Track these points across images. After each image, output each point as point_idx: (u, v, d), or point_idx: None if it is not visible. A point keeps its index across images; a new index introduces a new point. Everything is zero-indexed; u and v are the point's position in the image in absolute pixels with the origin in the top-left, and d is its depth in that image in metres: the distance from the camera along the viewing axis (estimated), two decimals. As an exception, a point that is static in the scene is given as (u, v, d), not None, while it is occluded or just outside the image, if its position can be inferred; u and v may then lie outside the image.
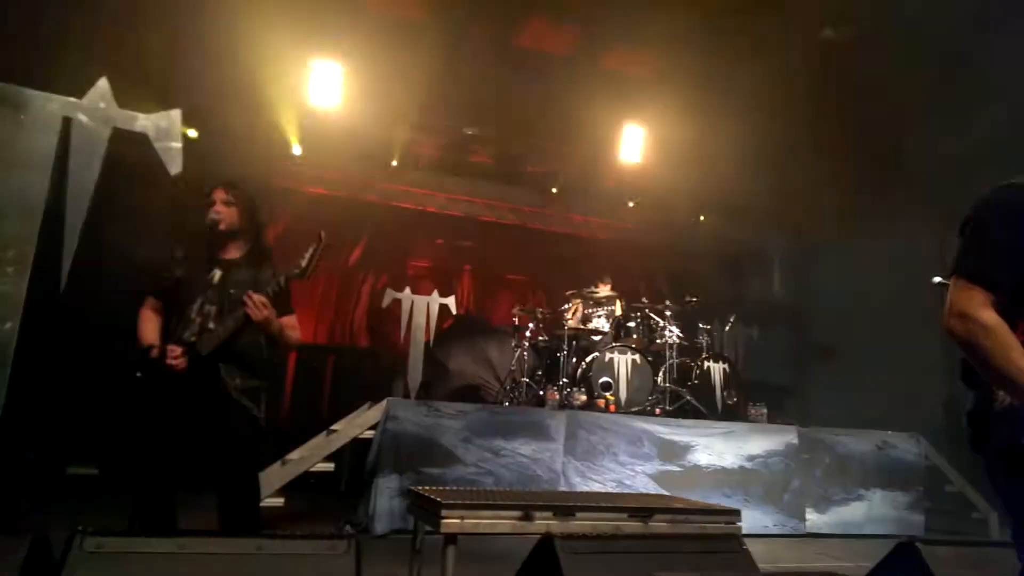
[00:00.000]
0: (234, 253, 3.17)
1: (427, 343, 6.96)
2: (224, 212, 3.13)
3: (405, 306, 6.87)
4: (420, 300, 6.91)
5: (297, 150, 7.89)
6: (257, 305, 2.94)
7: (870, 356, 6.89)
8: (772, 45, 6.23)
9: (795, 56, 6.33)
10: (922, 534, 5.44)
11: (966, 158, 4.82)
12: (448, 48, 7.16)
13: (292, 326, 3.18)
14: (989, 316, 1.66)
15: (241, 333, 3.02)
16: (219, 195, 3.16)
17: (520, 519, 2.66)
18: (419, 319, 6.81)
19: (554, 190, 8.92)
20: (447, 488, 3.01)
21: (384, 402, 4.72)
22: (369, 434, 4.69)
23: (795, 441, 5.58)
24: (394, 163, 8.23)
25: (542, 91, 7.62)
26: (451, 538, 2.56)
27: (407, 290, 6.98)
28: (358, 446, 4.94)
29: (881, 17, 5.32)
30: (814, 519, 5.46)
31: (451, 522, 2.54)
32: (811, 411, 7.62)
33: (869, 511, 5.61)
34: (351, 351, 7.77)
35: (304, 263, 3.01)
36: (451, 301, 7.11)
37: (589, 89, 7.78)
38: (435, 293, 7.08)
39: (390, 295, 6.95)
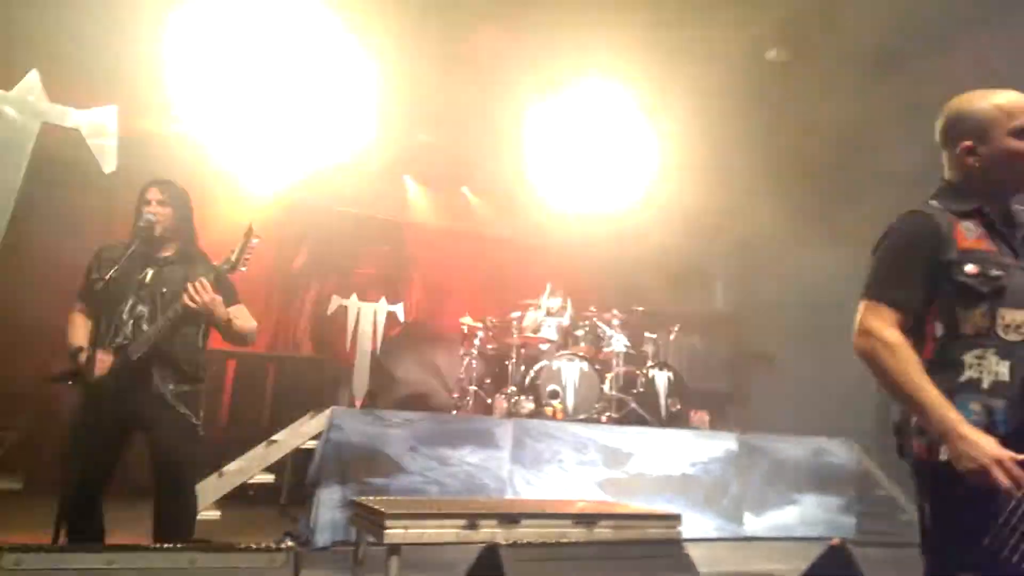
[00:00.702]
0: (166, 252, 3.08)
1: (374, 351, 6.85)
2: (160, 212, 3.04)
3: (351, 313, 6.74)
4: (367, 307, 6.79)
5: (241, 152, 7.69)
6: (198, 290, 2.83)
7: (807, 364, 7.13)
8: (717, 62, 6.41)
9: (739, 73, 6.52)
10: (853, 536, 5.63)
11: (902, 175, 5.05)
12: (398, 53, 7.12)
13: (243, 316, 3.08)
14: (892, 334, 1.76)
15: (175, 333, 2.92)
16: (154, 194, 3.06)
17: (465, 528, 2.64)
18: (365, 327, 6.68)
19: (505, 199, 8.95)
20: (391, 498, 2.97)
21: (327, 411, 4.62)
22: (311, 444, 4.58)
23: (735, 447, 5.72)
24: (342, 167, 8.10)
25: (496, 99, 7.65)
26: (395, 548, 2.52)
27: (353, 297, 6.84)
28: (300, 457, 4.82)
29: (822, 36, 5.54)
30: (751, 522, 5.60)
31: (394, 532, 2.51)
32: (751, 418, 7.82)
33: (803, 514, 5.78)
34: (293, 360, 7.58)
35: (234, 256, 2.94)
36: (399, 308, 7.01)
37: (543, 99, 7.84)
38: (383, 300, 6.96)
39: (335, 302, 6.80)
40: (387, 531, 2.49)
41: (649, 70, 6.88)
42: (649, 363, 6.73)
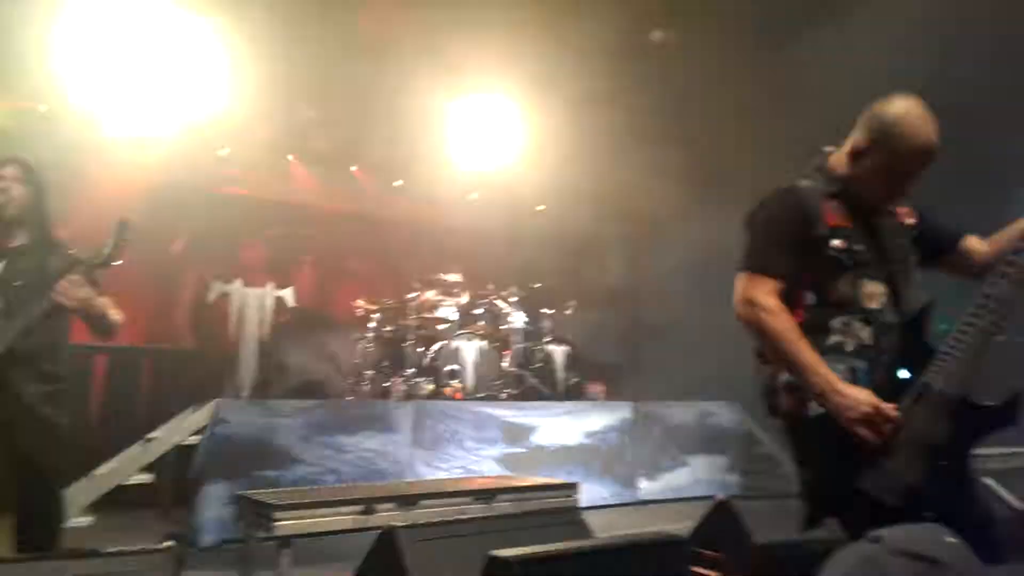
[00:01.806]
0: (18, 240, 2.78)
1: (261, 339, 6.53)
2: (14, 191, 2.73)
3: (235, 300, 6.40)
4: (253, 293, 6.47)
5: (111, 129, 7.04)
6: (68, 290, 2.57)
7: (695, 332, 7.46)
8: (606, 42, 6.51)
9: (628, 53, 6.66)
10: (738, 492, 5.99)
11: (785, 147, 5.32)
12: (283, 24, 6.75)
13: (112, 307, 2.82)
14: (774, 302, 1.89)
15: (34, 330, 2.65)
16: (9, 171, 2.75)
17: (361, 514, 2.57)
18: (251, 313, 6.38)
19: (399, 179, 8.76)
20: (280, 489, 2.84)
21: (211, 404, 4.37)
22: (194, 440, 4.32)
23: (629, 416, 5.92)
24: (223, 148, 7.62)
25: (385, 76, 7.42)
26: (285, 541, 2.41)
27: (237, 283, 6.49)
28: (181, 454, 4.54)
29: (708, 16, 5.72)
30: (646, 486, 5.84)
31: (285, 524, 2.40)
32: (644, 386, 8.12)
33: (693, 475, 6.09)
34: (172, 353, 7.05)
35: (107, 250, 2.69)
36: (288, 293, 6.73)
37: (432, 76, 7.69)
38: (270, 285, 6.66)
39: (217, 289, 6.43)
40: (276, 523, 2.38)
41: (543, 50, 6.89)
42: (547, 338, 6.83)
